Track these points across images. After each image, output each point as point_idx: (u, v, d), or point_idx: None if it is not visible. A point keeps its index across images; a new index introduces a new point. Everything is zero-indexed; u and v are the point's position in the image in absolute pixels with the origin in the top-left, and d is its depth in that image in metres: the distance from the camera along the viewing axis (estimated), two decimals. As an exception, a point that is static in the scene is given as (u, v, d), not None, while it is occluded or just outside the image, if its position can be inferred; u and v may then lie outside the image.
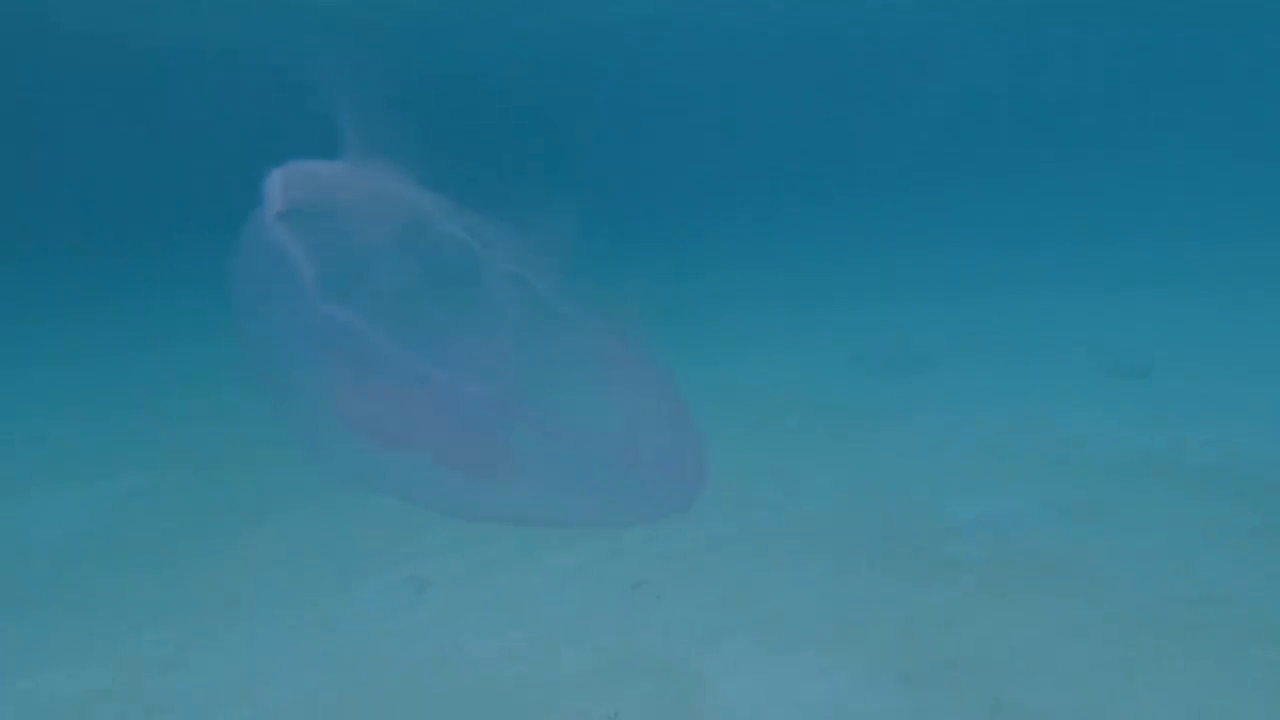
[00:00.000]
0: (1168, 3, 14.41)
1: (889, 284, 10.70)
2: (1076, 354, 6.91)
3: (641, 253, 13.83)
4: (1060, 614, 2.99)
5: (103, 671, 2.84)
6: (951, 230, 15.10)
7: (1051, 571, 3.32)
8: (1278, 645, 2.73)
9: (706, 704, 2.54)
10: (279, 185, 1.39)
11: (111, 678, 2.80)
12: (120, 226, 16.08)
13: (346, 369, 1.37)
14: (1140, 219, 15.12)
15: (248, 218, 1.37)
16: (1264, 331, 7.44)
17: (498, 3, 12.71)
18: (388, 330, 1.35)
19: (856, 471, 4.55)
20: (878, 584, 3.27)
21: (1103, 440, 4.89)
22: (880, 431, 5.22)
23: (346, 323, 1.32)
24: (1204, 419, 5.13)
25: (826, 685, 2.62)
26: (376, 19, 12.60)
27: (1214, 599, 3.05)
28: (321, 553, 3.71)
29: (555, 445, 1.46)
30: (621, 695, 2.60)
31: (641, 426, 1.62)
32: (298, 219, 1.39)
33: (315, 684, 2.73)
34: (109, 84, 16.90)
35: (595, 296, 1.59)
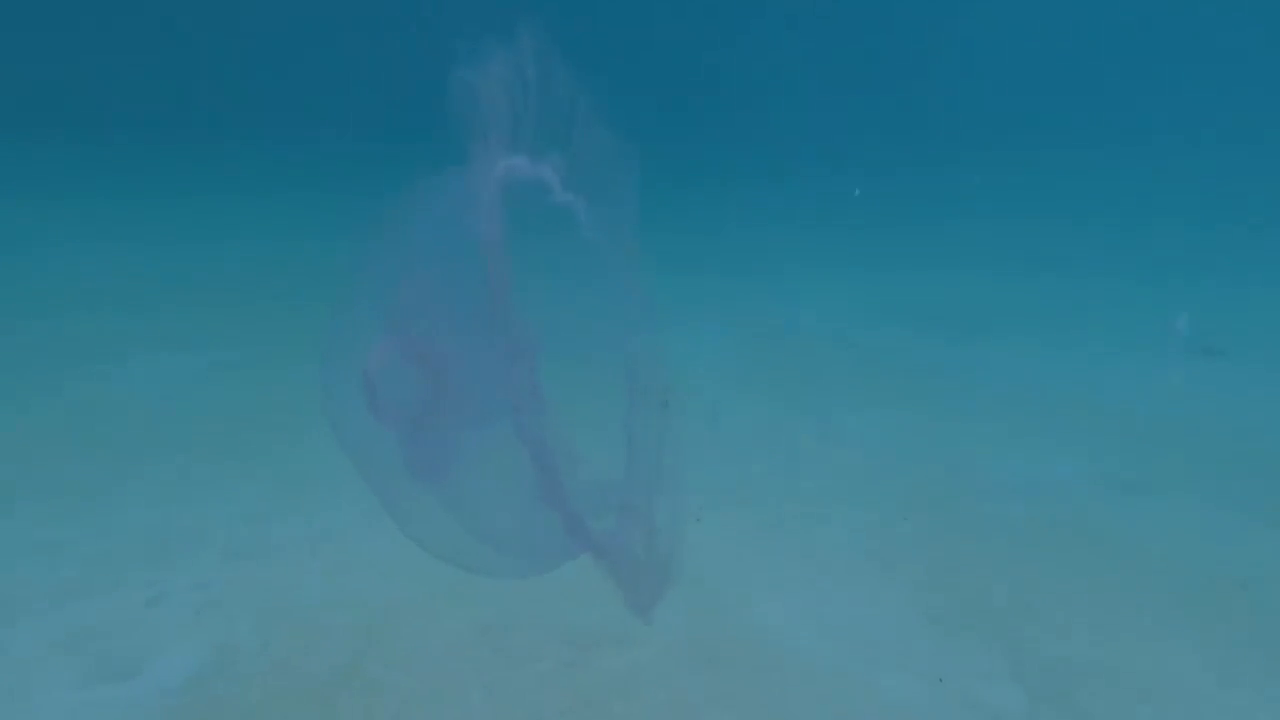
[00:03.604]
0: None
1: (948, 252, 10.39)
2: (1147, 332, 6.70)
3: (670, 206, 13.63)
4: (1094, 578, 3.03)
5: (192, 517, 3.15)
6: (1015, 203, 14.44)
7: (1091, 538, 3.33)
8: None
9: (742, 619, 2.69)
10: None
11: (200, 524, 3.11)
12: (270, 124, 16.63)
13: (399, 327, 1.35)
14: (1212, 201, 14.17)
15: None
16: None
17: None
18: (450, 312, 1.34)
19: (902, 426, 4.57)
20: (914, 532, 3.34)
21: (1166, 417, 4.80)
22: (929, 388, 5.21)
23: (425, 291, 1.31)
24: (1277, 403, 4.98)
25: (858, 618, 2.74)
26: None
27: (1257, 581, 3.04)
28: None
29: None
30: (661, 606, 2.75)
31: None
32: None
33: (380, 551, 2.97)
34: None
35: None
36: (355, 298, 1.46)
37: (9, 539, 2.94)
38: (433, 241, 1.39)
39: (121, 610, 2.53)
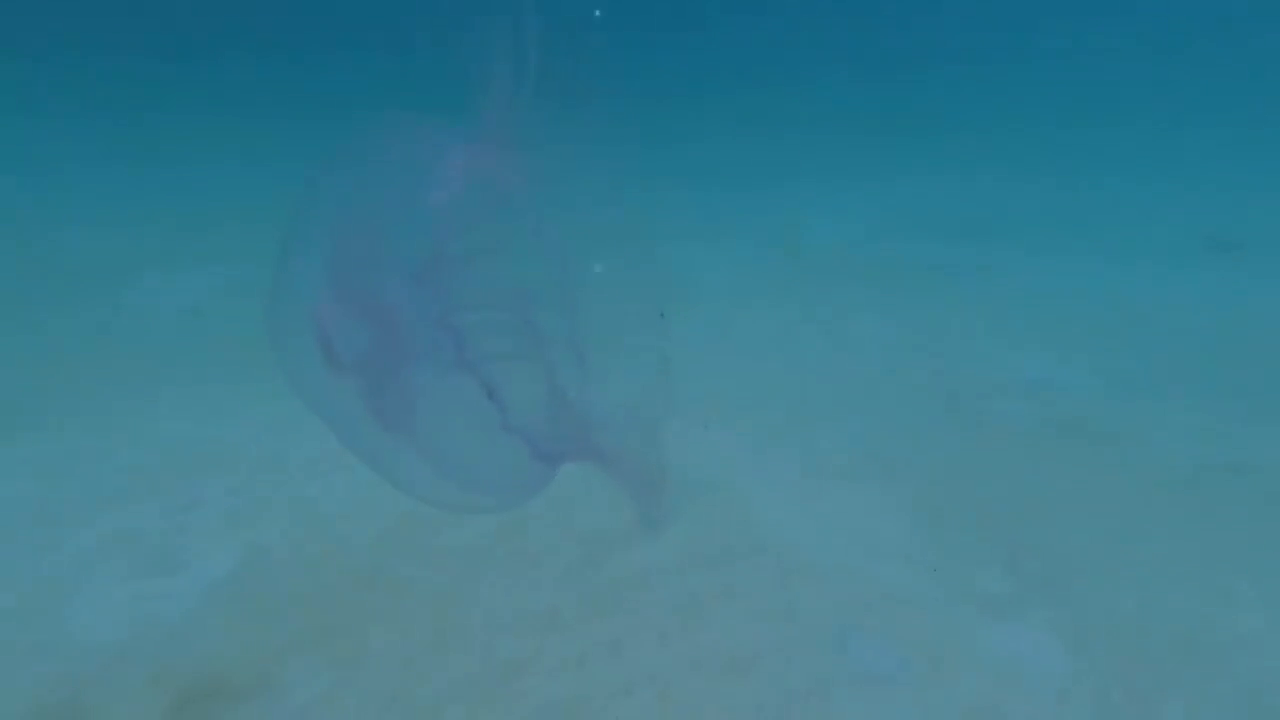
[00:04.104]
0: None
1: (956, 156, 10.03)
2: (1160, 230, 6.58)
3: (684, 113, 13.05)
4: (1092, 474, 3.11)
5: (218, 431, 3.28)
6: (1022, 106, 13.71)
7: (1092, 436, 3.39)
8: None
9: (746, 518, 2.80)
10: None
11: (226, 436, 3.24)
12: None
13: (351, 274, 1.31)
14: (1234, 98, 13.39)
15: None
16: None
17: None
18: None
19: (911, 328, 4.56)
20: (918, 431, 3.40)
21: (1177, 315, 4.80)
22: (941, 293, 5.17)
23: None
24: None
25: (859, 515, 2.85)
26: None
27: (1251, 467, 3.10)
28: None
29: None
30: (670, 508, 2.86)
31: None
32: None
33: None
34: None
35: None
36: (301, 243, 1.42)
37: (52, 449, 3.09)
38: (385, 187, 1.35)
39: (161, 515, 2.68)
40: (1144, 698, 2.05)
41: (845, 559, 2.57)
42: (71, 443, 3.14)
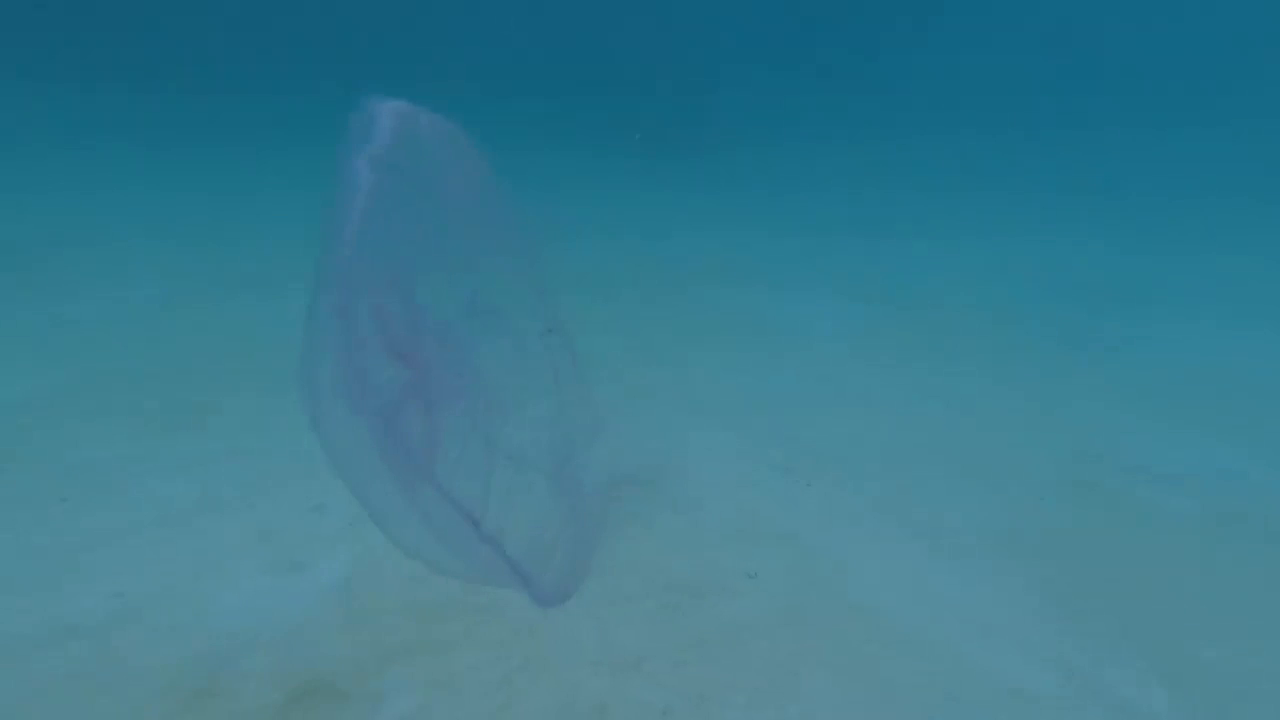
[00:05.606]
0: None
1: (1090, 215, 9.23)
2: None
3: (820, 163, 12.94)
4: (1267, 577, 2.67)
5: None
6: (1191, 174, 12.46)
7: (1267, 533, 2.92)
8: None
9: (846, 585, 2.65)
10: (388, 122, 1.34)
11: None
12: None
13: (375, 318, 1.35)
14: None
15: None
16: None
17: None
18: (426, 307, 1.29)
19: (1041, 399, 4.19)
20: (1048, 516, 3.09)
21: None
22: (1075, 362, 4.73)
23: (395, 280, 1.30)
24: None
25: (974, 598, 2.61)
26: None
27: None
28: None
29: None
30: (762, 561, 2.77)
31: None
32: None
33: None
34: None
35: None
36: (323, 287, 1.47)
37: (210, 446, 3.47)
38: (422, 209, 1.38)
39: (293, 514, 2.92)
40: None
41: (955, 640, 2.35)
42: (219, 444, 3.51)
